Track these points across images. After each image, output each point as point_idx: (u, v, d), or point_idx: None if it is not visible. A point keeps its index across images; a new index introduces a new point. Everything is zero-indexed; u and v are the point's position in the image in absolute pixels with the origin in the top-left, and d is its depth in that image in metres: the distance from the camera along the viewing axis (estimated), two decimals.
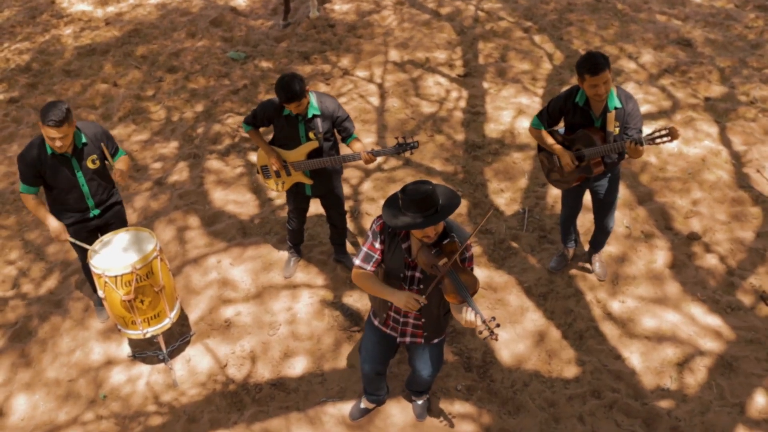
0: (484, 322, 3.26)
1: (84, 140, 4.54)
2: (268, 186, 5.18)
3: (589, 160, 4.66)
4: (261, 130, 5.06)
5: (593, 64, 4.30)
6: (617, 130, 4.53)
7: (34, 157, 4.46)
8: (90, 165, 4.60)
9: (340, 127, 4.88)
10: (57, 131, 4.24)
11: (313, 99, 4.76)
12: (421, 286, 3.64)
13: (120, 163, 4.72)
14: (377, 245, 3.63)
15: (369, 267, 3.66)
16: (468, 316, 3.31)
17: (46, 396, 4.92)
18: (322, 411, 4.66)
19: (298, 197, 5.23)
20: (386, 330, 3.97)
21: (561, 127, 4.89)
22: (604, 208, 5.08)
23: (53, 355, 5.18)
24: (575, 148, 4.71)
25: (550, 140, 4.79)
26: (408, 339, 3.93)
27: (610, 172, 4.89)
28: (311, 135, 4.82)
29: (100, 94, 7.93)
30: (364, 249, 3.66)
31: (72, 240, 4.68)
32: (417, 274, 3.63)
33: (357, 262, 3.68)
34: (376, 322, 4.01)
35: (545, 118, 4.78)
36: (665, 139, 4.20)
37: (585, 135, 4.59)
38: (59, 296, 5.63)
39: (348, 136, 4.92)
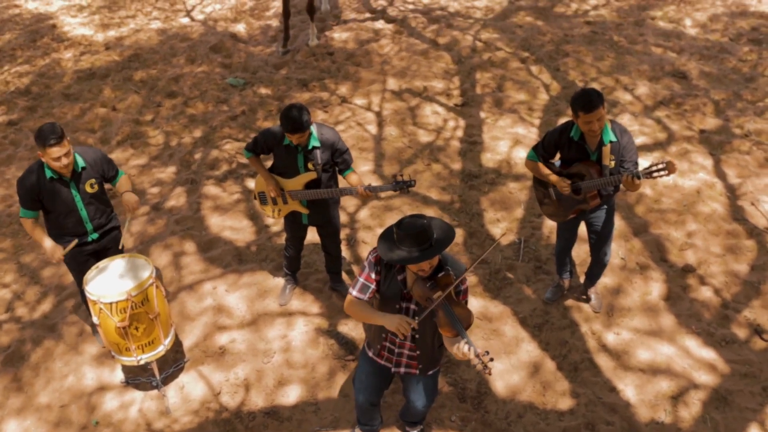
0: (477, 356, 3.26)
1: (83, 164, 4.57)
2: (265, 213, 5.21)
3: (585, 193, 4.70)
4: (261, 157, 5.11)
5: (587, 101, 4.34)
6: (613, 163, 4.57)
7: (33, 182, 4.48)
8: (88, 189, 4.61)
9: (338, 159, 4.90)
10: (60, 148, 4.28)
11: (314, 130, 4.79)
12: (416, 318, 3.64)
13: (124, 186, 4.78)
14: (374, 276, 3.64)
15: (365, 297, 3.68)
16: (462, 348, 3.31)
17: (37, 421, 4.88)
18: None
19: (294, 226, 5.25)
20: (381, 361, 3.97)
21: (557, 161, 4.93)
22: (600, 241, 5.10)
23: (46, 379, 5.15)
24: (572, 181, 4.74)
25: (545, 171, 4.83)
26: (403, 369, 3.92)
27: (606, 205, 4.92)
28: (310, 166, 4.85)
29: (99, 118, 7.97)
30: (361, 279, 3.68)
31: (66, 251, 4.65)
32: (412, 306, 3.64)
33: (353, 292, 3.69)
34: (370, 354, 4.01)
35: (540, 152, 4.82)
36: (662, 173, 4.23)
37: (581, 168, 4.63)
38: (53, 320, 5.61)
39: (345, 169, 4.95)
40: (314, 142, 4.79)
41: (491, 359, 3.22)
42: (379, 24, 9.93)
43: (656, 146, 7.15)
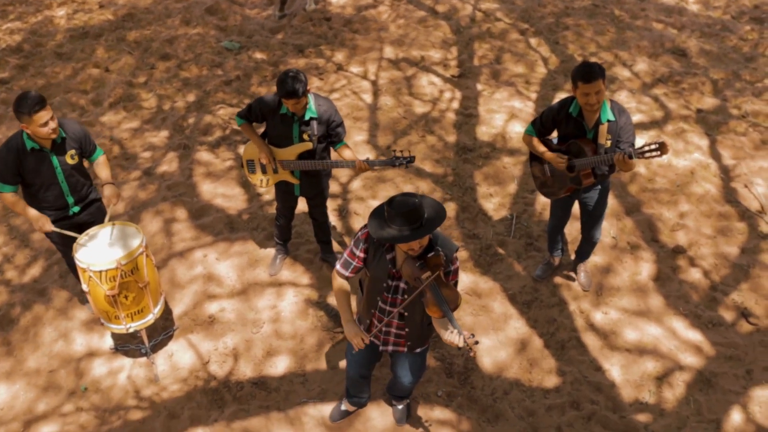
0: (461, 335, 3.28)
1: (63, 134, 4.49)
2: (251, 181, 5.16)
3: (579, 171, 4.68)
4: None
5: (587, 71, 4.32)
6: (609, 143, 4.54)
7: (13, 155, 4.38)
8: (69, 160, 4.53)
9: (333, 131, 4.85)
10: (46, 112, 4.21)
11: (311, 101, 4.73)
12: (405, 296, 3.65)
13: (104, 172, 4.76)
14: (357, 252, 3.64)
15: (347, 273, 3.71)
16: (450, 336, 3.33)
17: (26, 386, 4.90)
18: (303, 412, 4.67)
19: (286, 196, 5.22)
20: (370, 336, 3.98)
21: (554, 137, 4.90)
22: (592, 220, 5.10)
23: (35, 344, 5.16)
24: (567, 158, 4.72)
25: (541, 147, 4.81)
26: (390, 348, 3.94)
27: (600, 185, 4.91)
28: (305, 136, 4.80)
29: (91, 79, 7.86)
30: (345, 255, 3.70)
31: (57, 230, 4.63)
32: (401, 285, 3.64)
33: (337, 266, 3.75)
34: (361, 328, 4.01)
35: (538, 127, 4.79)
36: (654, 153, 4.20)
37: (576, 146, 4.60)
38: (43, 284, 5.60)
39: (338, 141, 4.91)
40: (311, 113, 4.74)
41: (477, 342, 3.23)
42: None
43: (653, 124, 7.11)
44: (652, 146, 4.19)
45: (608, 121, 4.51)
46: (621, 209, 6.15)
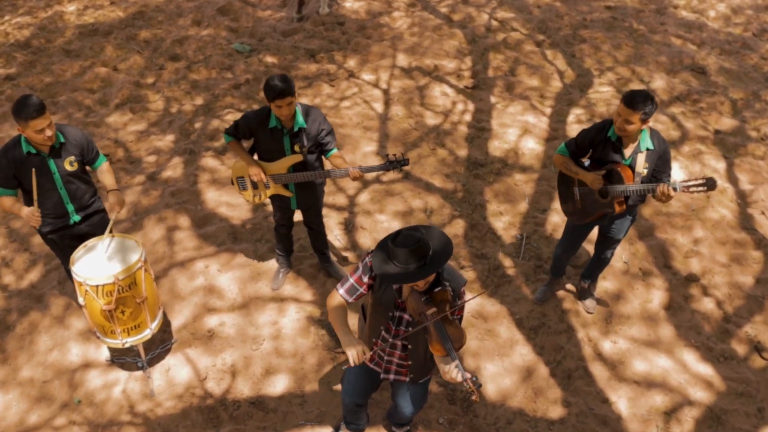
0: (465, 380, 3.14)
1: (62, 139, 4.37)
2: (244, 198, 5.05)
3: (612, 198, 4.52)
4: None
5: (630, 97, 4.14)
6: (645, 171, 4.40)
7: (9, 158, 4.27)
8: (68, 167, 4.41)
9: (322, 140, 4.73)
10: (43, 119, 4.10)
11: (299, 112, 4.61)
12: (409, 329, 3.52)
13: (108, 180, 4.64)
14: (365, 280, 3.51)
15: (351, 299, 3.56)
16: (451, 373, 3.20)
17: (19, 396, 4.80)
18: None
19: (283, 209, 5.10)
20: (370, 364, 3.86)
21: (586, 160, 4.74)
22: (609, 245, 4.96)
23: (30, 353, 5.06)
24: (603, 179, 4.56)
25: (574, 166, 4.64)
26: (392, 376, 3.82)
27: (630, 214, 4.75)
28: (296, 148, 4.68)
29: (99, 78, 7.76)
30: (351, 280, 3.54)
31: (45, 231, 4.52)
32: (406, 316, 3.51)
33: (340, 290, 3.55)
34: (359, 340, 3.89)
35: (573, 148, 4.64)
36: (701, 189, 4.02)
37: (614, 171, 4.43)
38: (41, 290, 5.50)
39: (330, 150, 4.79)
40: (299, 124, 4.62)
41: (480, 385, 3.10)
42: None
43: (669, 145, 6.94)
44: (699, 181, 4.01)
45: (648, 149, 4.37)
46: (634, 233, 5.99)
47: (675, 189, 4.08)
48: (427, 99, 7.59)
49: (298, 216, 5.42)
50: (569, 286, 5.50)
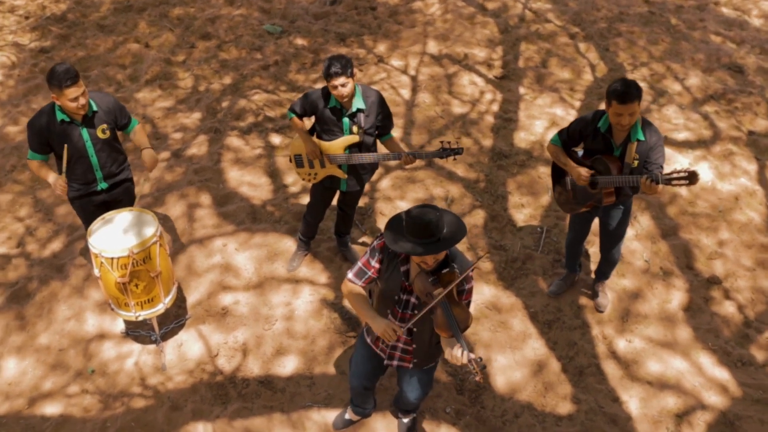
0: (470, 361, 3.13)
1: (95, 108, 4.45)
2: (300, 176, 5.06)
3: (601, 188, 4.47)
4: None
5: (624, 92, 4.12)
6: (636, 163, 4.33)
7: (43, 125, 4.39)
8: (100, 134, 4.50)
9: (380, 123, 4.77)
10: (77, 88, 4.19)
11: (358, 92, 4.64)
12: (415, 312, 3.51)
13: (141, 139, 4.70)
14: (373, 263, 3.52)
15: (360, 282, 3.58)
16: (456, 353, 3.18)
17: (35, 362, 4.89)
18: (306, 416, 4.57)
19: (327, 193, 5.10)
20: (376, 349, 3.86)
21: (580, 150, 4.71)
22: (611, 240, 4.91)
23: (48, 321, 5.15)
24: (591, 173, 4.52)
25: (564, 157, 4.62)
26: (395, 363, 3.82)
27: (623, 205, 4.70)
28: (354, 129, 4.69)
29: (130, 54, 7.83)
30: (360, 263, 3.56)
31: (68, 197, 4.64)
32: (412, 299, 3.50)
33: (350, 275, 3.60)
34: (368, 339, 3.90)
35: (564, 138, 4.61)
36: (683, 182, 3.98)
37: (601, 162, 4.40)
38: (62, 260, 5.59)
39: (386, 133, 4.82)
40: (359, 105, 4.65)
41: (484, 366, 3.09)
42: None
43: (699, 144, 6.80)
44: (682, 174, 3.97)
45: (638, 140, 4.30)
46: (657, 232, 5.89)
47: (657, 182, 4.02)
48: (455, 87, 7.52)
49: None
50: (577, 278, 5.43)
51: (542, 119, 7.09)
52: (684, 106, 7.33)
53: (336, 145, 4.78)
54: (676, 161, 6.52)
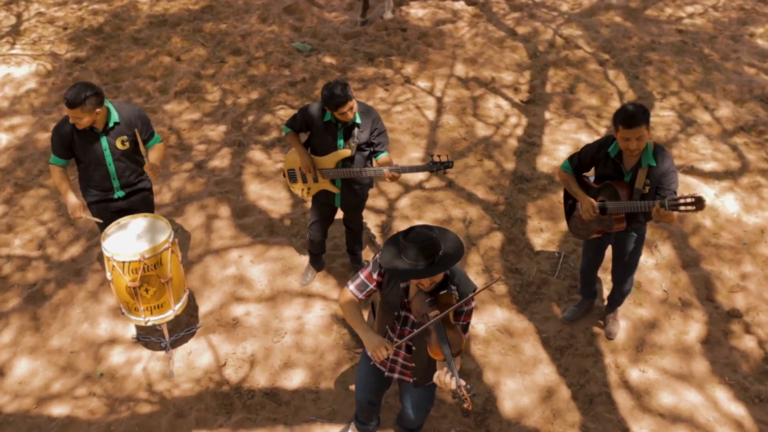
0: (459, 387, 3.07)
1: (116, 119, 4.54)
2: (293, 191, 5.10)
3: (610, 215, 4.40)
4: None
5: (630, 116, 4.06)
6: (647, 188, 4.26)
7: (67, 131, 4.52)
8: (119, 146, 4.59)
9: (374, 140, 4.76)
10: (74, 112, 4.34)
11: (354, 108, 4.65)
12: (414, 330, 3.48)
13: (153, 155, 4.74)
14: (375, 276, 3.51)
15: (361, 295, 3.56)
16: (443, 376, 3.14)
17: (46, 363, 4.95)
18: (309, 430, 4.54)
19: (324, 208, 5.12)
20: (376, 363, 3.84)
21: (591, 175, 4.65)
22: (623, 269, 4.82)
23: (62, 323, 5.22)
24: (599, 198, 4.45)
25: (574, 186, 4.57)
26: (396, 375, 3.80)
27: (636, 232, 4.61)
28: (349, 143, 4.71)
29: (162, 66, 7.98)
30: (362, 276, 3.55)
31: (86, 217, 4.76)
32: (411, 317, 3.48)
33: (351, 286, 3.57)
34: (369, 353, 3.87)
35: (575, 163, 4.55)
36: (689, 207, 3.90)
37: (610, 187, 4.33)
38: (80, 265, 5.67)
39: (381, 151, 4.81)
40: (355, 119, 4.68)
41: (473, 394, 3.03)
42: (459, 4, 9.59)
43: (726, 175, 6.68)
44: (688, 200, 3.89)
45: (649, 165, 4.23)
46: (678, 261, 5.77)
47: (664, 207, 3.94)
48: (480, 110, 7.51)
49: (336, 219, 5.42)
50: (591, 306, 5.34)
51: (566, 144, 7.03)
52: (713, 137, 7.21)
53: (328, 160, 4.80)
54: (701, 191, 6.41)
